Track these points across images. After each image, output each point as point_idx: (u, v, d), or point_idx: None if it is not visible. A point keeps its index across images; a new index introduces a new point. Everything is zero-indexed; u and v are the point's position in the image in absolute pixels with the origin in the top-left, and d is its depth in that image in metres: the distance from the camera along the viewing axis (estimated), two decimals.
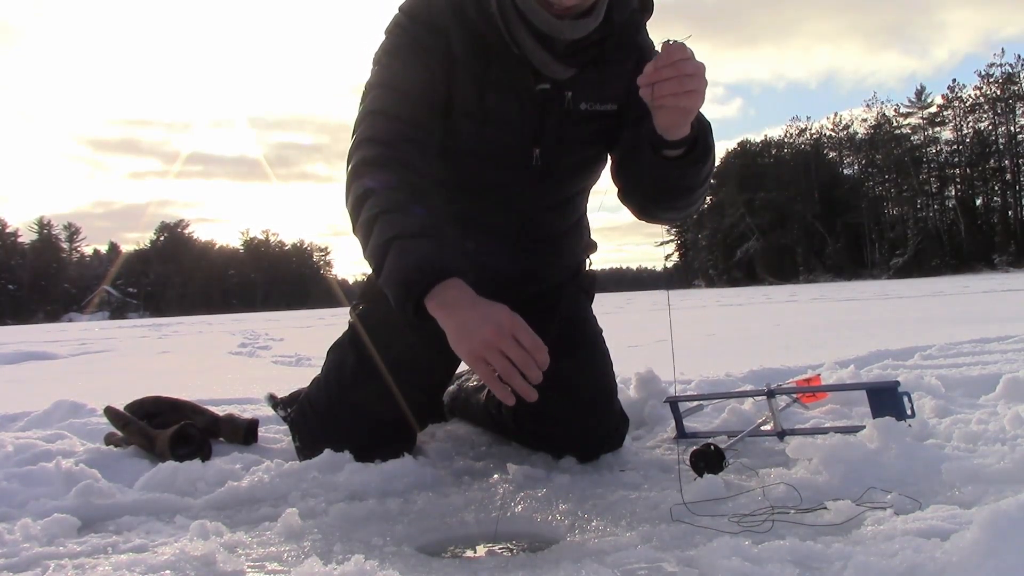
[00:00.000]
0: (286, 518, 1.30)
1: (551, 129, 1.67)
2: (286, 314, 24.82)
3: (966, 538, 0.91)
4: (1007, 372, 2.23)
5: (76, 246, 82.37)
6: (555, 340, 1.77)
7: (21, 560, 1.17)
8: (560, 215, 1.84)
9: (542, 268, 1.87)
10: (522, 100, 1.64)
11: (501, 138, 1.66)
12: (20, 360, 6.58)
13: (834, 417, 2.04)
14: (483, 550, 1.24)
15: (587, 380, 1.78)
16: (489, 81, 1.62)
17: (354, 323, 1.80)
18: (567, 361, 1.76)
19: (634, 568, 1.03)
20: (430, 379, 1.83)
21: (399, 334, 1.70)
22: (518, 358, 1.28)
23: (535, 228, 1.79)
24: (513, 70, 1.62)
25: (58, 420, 2.34)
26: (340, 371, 1.76)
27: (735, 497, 1.32)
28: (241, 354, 6.71)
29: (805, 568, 0.98)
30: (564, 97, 1.64)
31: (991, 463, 1.32)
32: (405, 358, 1.70)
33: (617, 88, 1.68)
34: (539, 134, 1.67)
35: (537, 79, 1.63)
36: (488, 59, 1.61)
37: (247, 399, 2.73)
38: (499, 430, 1.97)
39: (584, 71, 1.64)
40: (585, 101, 1.66)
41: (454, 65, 1.61)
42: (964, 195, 60.04)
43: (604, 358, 1.86)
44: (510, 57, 1.60)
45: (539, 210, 1.77)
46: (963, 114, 60.20)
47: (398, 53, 1.61)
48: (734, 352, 4.30)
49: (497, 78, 1.62)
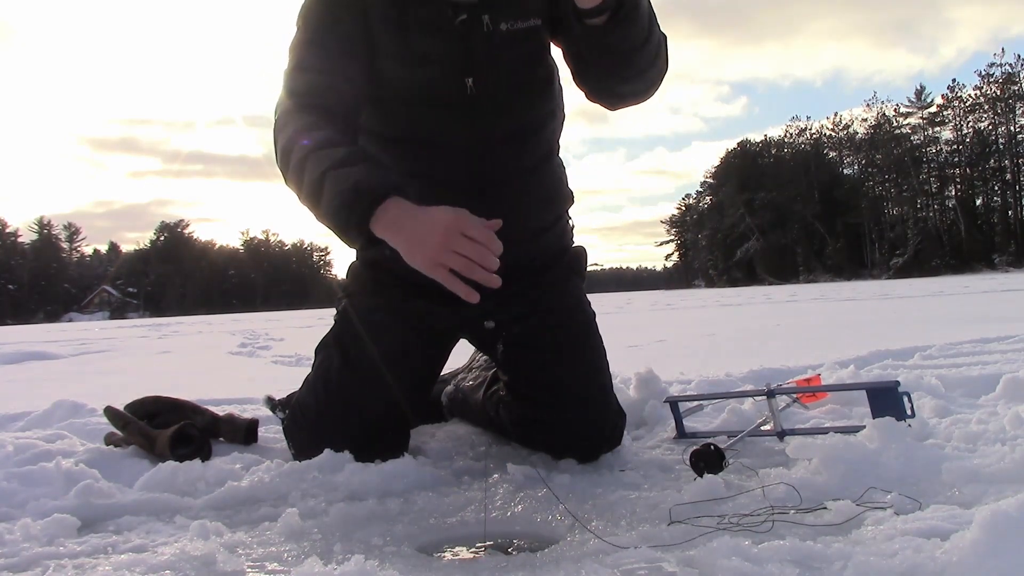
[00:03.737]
0: (286, 518, 1.30)
1: (479, 57, 1.64)
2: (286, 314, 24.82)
3: (966, 538, 0.91)
4: (1007, 372, 2.23)
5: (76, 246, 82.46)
6: (547, 334, 1.78)
7: (21, 560, 1.17)
8: (514, 150, 1.72)
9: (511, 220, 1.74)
10: (444, 33, 1.62)
11: (430, 75, 1.64)
12: (20, 360, 6.57)
13: (834, 417, 2.04)
14: (483, 550, 1.24)
15: (581, 377, 1.77)
16: (408, 22, 1.62)
17: (338, 319, 1.80)
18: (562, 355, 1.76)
19: (634, 568, 1.03)
20: (417, 371, 1.80)
21: (383, 327, 1.69)
22: (473, 252, 1.30)
23: (489, 168, 1.70)
24: (429, 5, 1.61)
25: (58, 420, 2.34)
26: (327, 372, 1.75)
27: (735, 497, 1.32)
28: (241, 354, 6.70)
29: (805, 568, 0.98)
30: (482, 22, 1.62)
31: (991, 463, 1.32)
32: (390, 351, 1.69)
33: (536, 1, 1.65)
34: (468, 63, 1.64)
35: (456, 11, 1.62)
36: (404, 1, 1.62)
37: (247, 399, 2.72)
38: (498, 430, 1.97)
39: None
40: (504, 21, 1.63)
41: (369, 12, 1.62)
42: (964, 195, 60.04)
43: (597, 351, 1.82)
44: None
45: (486, 145, 1.69)
46: (963, 114, 60.21)
47: (315, 8, 1.64)
48: (734, 352, 4.30)
49: (416, 17, 1.62)
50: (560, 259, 1.90)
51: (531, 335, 1.78)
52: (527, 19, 1.65)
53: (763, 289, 32.43)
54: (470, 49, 1.63)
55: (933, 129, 61.51)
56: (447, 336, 1.87)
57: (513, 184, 1.73)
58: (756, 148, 70.97)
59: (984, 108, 59.40)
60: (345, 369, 1.72)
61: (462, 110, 1.66)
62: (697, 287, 62.02)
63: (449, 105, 1.66)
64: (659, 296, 26.80)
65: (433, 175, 1.68)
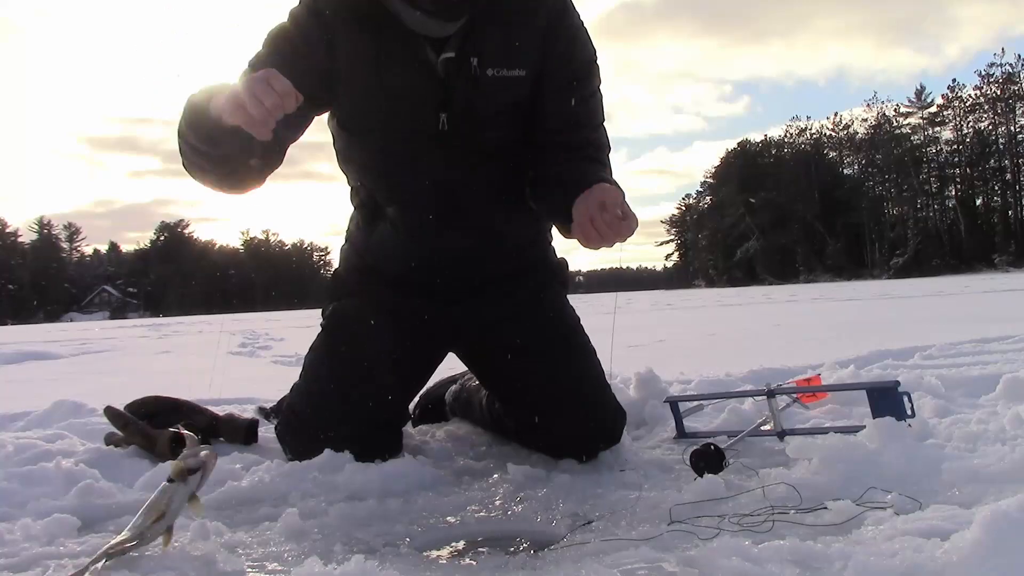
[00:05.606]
0: (286, 518, 1.30)
1: (459, 96, 1.64)
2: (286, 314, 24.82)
3: (966, 538, 0.91)
4: (1007, 372, 2.23)
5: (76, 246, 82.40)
6: (536, 338, 1.79)
7: (21, 560, 1.17)
8: (487, 177, 1.74)
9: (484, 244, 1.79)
10: (419, 71, 1.62)
11: (403, 109, 1.65)
12: (20, 360, 6.57)
13: (834, 417, 2.04)
14: (483, 550, 1.24)
15: (572, 371, 1.78)
16: (382, 56, 1.62)
17: (324, 324, 1.81)
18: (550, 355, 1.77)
19: (634, 568, 1.03)
20: (404, 371, 1.80)
21: (369, 328, 1.70)
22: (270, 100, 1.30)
23: (458, 197, 1.72)
24: (405, 42, 1.61)
25: (58, 420, 2.34)
26: (316, 374, 1.76)
27: (735, 497, 1.32)
28: (241, 354, 6.71)
29: (805, 568, 0.98)
30: (470, 64, 1.62)
31: (991, 463, 1.32)
32: (377, 351, 1.70)
33: (526, 50, 1.65)
34: (445, 100, 1.64)
35: (440, 47, 1.62)
36: (378, 34, 1.61)
37: (247, 399, 2.72)
38: (500, 430, 1.97)
39: (488, 34, 1.60)
40: (492, 67, 1.63)
41: (337, 49, 1.62)
42: (964, 195, 60.06)
43: (585, 349, 1.83)
44: (400, 29, 1.60)
45: (456, 177, 1.70)
46: (963, 114, 60.21)
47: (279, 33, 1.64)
48: (734, 352, 4.30)
49: (390, 52, 1.62)
50: (541, 267, 1.93)
51: (518, 341, 1.80)
52: (513, 68, 1.66)
53: (763, 289, 32.43)
54: (449, 88, 1.64)
55: (933, 129, 61.54)
56: (435, 342, 1.87)
57: (487, 208, 1.76)
58: (756, 148, 70.97)
59: (984, 108, 59.42)
60: (333, 371, 1.73)
61: (433, 143, 1.67)
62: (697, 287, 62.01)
63: (418, 137, 1.67)
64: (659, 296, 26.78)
65: (406, 200, 1.71)
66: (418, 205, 1.73)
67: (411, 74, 1.63)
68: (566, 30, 1.67)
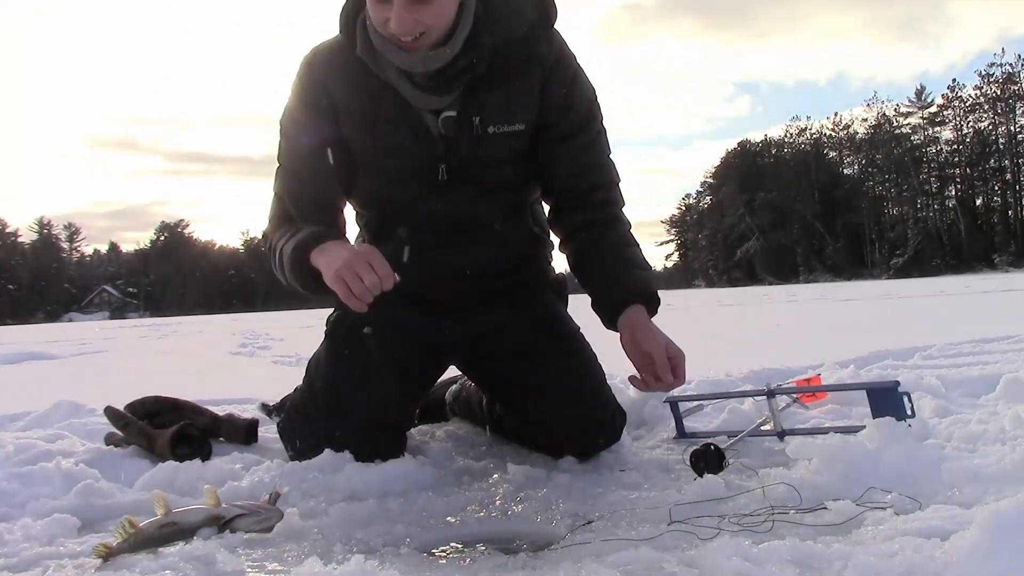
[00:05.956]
0: (286, 518, 1.30)
1: (458, 151, 1.69)
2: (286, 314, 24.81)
3: (966, 538, 0.91)
4: (1007, 372, 2.23)
5: (76, 246, 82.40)
6: (535, 341, 1.80)
7: (21, 560, 1.17)
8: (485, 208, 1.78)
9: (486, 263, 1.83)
10: (417, 133, 1.67)
11: (402, 164, 1.71)
12: (20, 360, 6.57)
13: (834, 417, 2.04)
14: (483, 550, 1.24)
15: (571, 370, 1.79)
16: (381, 118, 1.67)
17: (329, 329, 1.82)
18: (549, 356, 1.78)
19: (634, 568, 1.03)
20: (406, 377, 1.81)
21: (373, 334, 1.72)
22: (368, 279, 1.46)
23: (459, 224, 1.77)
24: (401, 108, 1.66)
25: (58, 420, 2.34)
26: (319, 377, 1.77)
27: (735, 497, 1.32)
28: (241, 354, 6.70)
29: (805, 568, 0.98)
30: (472, 123, 1.66)
31: (991, 463, 1.32)
32: (381, 355, 1.71)
33: (525, 106, 1.69)
34: (444, 154, 1.69)
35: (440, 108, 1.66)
36: (376, 97, 1.66)
37: (247, 399, 2.72)
38: (499, 430, 1.97)
39: (489, 92, 1.65)
40: (493, 124, 1.67)
41: (340, 113, 1.69)
42: (964, 195, 60.04)
43: (584, 350, 1.85)
44: (398, 97, 1.65)
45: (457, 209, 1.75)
46: (963, 114, 60.19)
47: (292, 121, 1.75)
48: (734, 352, 4.29)
49: (388, 114, 1.67)
50: (541, 281, 1.95)
51: (518, 346, 1.82)
52: (514, 124, 1.69)
53: (763, 289, 32.42)
54: (451, 142, 1.68)
55: (933, 129, 61.52)
56: (436, 351, 1.88)
57: (488, 232, 1.79)
58: (756, 148, 70.94)
59: (984, 108, 59.39)
60: (335, 373, 1.74)
61: (432, 187, 1.72)
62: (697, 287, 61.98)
63: (419, 184, 1.72)
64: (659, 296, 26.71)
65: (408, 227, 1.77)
66: (419, 231, 1.77)
67: (409, 137, 1.68)
68: (562, 80, 1.70)
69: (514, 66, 1.66)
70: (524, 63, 1.67)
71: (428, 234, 1.76)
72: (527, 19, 1.67)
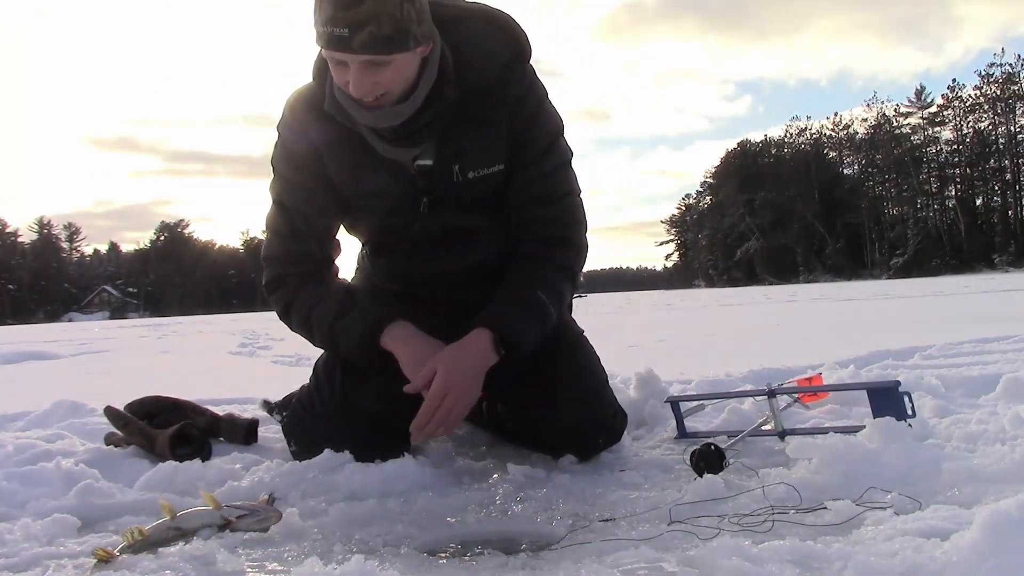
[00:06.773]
0: (286, 518, 1.30)
1: (439, 193, 1.72)
2: None
3: (966, 538, 0.91)
4: (1007, 372, 2.23)
5: (76, 246, 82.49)
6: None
7: (21, 560, 1.17)
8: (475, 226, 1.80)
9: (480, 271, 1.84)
10: (394, 175, 1.71)
11: (387, 203, 1.75)
12: (20, 360, 6.57)
13: (834, 417, 2.04)
14: (483, 550, 1.24)
15: (573, 371, 1.79)
16: (360, 164, 1.71)
17: None
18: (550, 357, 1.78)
19: (634, 568, 1.03)
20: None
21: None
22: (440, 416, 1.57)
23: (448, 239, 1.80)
24: (378, 156, 1.69)
25: (58, 420, 2.34)
26: (330, 374, 1.77)
27: (735, 497, 1.32)
28: (241, 354, 6.71)
29: (805, 568, 0.98)
30: (452, 171, 1.69)
31: (991, 463, 1.32)
32: (386, 358, 1.71)
33: (500, 145, 1.71)
34: (426, 191, 1.72)
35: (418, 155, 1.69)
36: (351, 145, 1.70)
37: (247, 399, 2.72)
38: (499, 431, 1.97)
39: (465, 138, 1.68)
40: (473, 170, 1.71)
41: (324, 157, 1.73)
42: (964, 195, 60.10)
43: (587, 350, 1.86)
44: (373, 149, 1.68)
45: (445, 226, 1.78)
46: (963, 114, 60.25)
47: (280, 162, 1.79)
48: (734, 352, 4.30)
49: (365, 161, 1.71)
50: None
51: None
52: (492, 165, 1.72)
53: (763, 289, 32.45)
54: (431, 184, 1.71)
55: (933, 129, 61.58)
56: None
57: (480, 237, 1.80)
58: (756, 148, 70.99)
59: (984, 108, 59.44)
60: (340, 371, 1.75)
61: (415, 220, 1.76)
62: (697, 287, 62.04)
63: (402, 216, 1.76)
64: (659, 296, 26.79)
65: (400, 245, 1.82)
66: (417, 243, 1.81)
67: (388, 179, 1.71)
68: (524, 115, 1.72)
69: (486, 111, 1.68)
70: (496, 107, 1.69)
71: (425, 243, 1.80)
72: (500, 59, 1.68)
